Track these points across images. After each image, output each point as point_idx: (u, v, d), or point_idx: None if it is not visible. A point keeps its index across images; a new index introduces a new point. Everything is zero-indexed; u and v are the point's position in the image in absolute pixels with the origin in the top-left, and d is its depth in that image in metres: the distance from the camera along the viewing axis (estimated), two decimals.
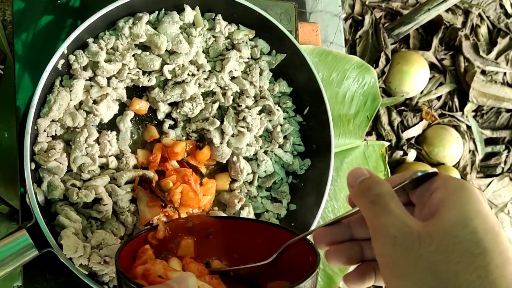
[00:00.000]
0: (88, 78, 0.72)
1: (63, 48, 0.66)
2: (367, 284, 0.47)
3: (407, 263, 0.38)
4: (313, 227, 0.75)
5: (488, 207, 0.39)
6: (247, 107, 0.80)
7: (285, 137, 0.83)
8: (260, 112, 0.82)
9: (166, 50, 0.75)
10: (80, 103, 0.72)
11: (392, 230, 0.39)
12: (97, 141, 0.72)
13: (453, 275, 0.36)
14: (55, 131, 0.69)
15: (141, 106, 0.76)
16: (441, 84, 1.78)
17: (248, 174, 0.81)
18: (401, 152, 1.64)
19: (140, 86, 0.76)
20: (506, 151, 1.79)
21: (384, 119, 1.66)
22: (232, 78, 0.80)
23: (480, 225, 0.37)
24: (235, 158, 0.79)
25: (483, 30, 1.85)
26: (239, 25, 0.81)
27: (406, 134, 1.68)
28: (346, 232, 0.49)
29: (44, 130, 0.68)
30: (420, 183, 0.44)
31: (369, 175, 0.43)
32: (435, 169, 0.43)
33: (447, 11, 1.76)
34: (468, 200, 0.39)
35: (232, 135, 0.79)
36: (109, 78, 0.73)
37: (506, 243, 0.37)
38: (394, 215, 0.40)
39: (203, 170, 0.78)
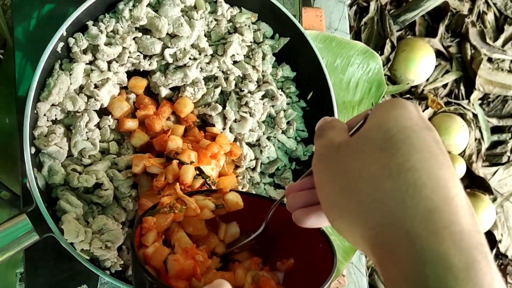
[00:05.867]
0: (88, 62, 0.71)
1: (62, 30, 0.65)
2: (311, 221, 0.47)
3: (327, 172, 0.41)
4: None
5: (417, 114, 0.39)
6: (249, 92, 0.79)
7: (288, 123, 0.82)
8: (263, 97, 0.81)
9: (167, 34, 0.74)
10: (81, 87, 0.71)
11: (320, 149, 0.43)
12: (98, 125, 0.71)
13: (359, 171, 0.37)
14: (55, 115, 0.68)
15: (137, 82, 0.75)
16: (447, 72, 1.76)
17: (251, 160, 0.80)
18: None
19: (141, 70, 0.75)
20: None
21: None
22: (235, 62, 0.79)
23: (396, 125, 0.37)
24: (237, 144, 0.78)
25: (489, 17, 1.83)
26: (242, 8, 0.80)
27: None
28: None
29: (44, 114, 0.67)
30: None
31: (329, 120, 0.46)
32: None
33: None
34: (390, 108, 0.39)
35: (235, 121, 0.78)
36: (109, 62, 0.72)
37: (424, 138, 0.37)
38: (325, 138, 0.43)
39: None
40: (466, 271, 0.32)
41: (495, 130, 1.80)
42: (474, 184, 1.70)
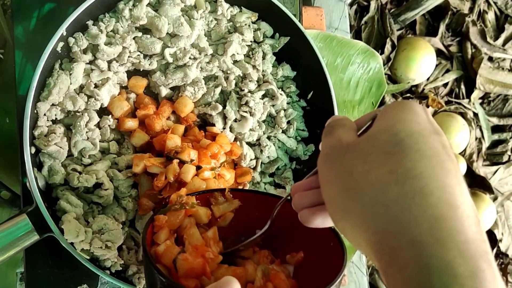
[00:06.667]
0: (88, 62, 0.71)
1: (62, 30, 0.65)
2: (317, 221, 0.47)
3: (333, 172, 0.40)
4: None
5: (426, 118, 0.39)
6: (249, 91, 0.79)
7: (288, 122, 0.82)
8: (263, 96, 0.81)
9: (167, 33, 0.73)
10: (81, 87, 0.71)
11: (327, 148, 0.42)
12: (98, 125, 0.71)
13: (365, 173, 0.37)
14: (55, 115, 0.68)
15: (138, 81, 0.75)
16: (447, 71, 1.75)
17: (251, 159, 0.80)
18: None
19: (141, 70, 0.75)
20: None
21: None
22: (235, 62, 0.79)
23: (404, 129, 0.37)
24: (238, 144, 0.78)
25: (490, 16, 1.82)
26: (242, 7, 0.79)
27: None
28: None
29: (44, 114, 0.67)
30: None
31: (339, 118, 0.45)
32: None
33: None
34: (399, 110, 0.39)
35: (235, 120, 0.78)
36: (109, 62, 0.72)
37: (432, 144, 0.37)
38: (334, 137, 0.42)
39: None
40: (472, 280, 0.32)
41: (495, 129, 1.79)
42: (475, 183, 1.70)
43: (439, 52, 1.72)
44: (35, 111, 0.66)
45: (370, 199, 0.37)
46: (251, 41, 0.80)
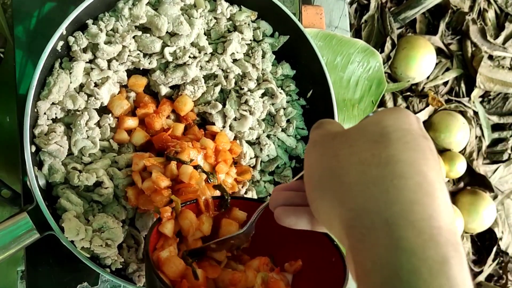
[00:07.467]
0: (88, 61, 0.71)
1: (62, 29, 0.65)
2: (290, 220, 0.47)
3: (318, 154, 0.42)
4: None
5: (417, 124, 0.39)
6: (249, 90, 0.79)
7: (288, 121, 0.82)
8: (263, 95, 0.81)
9: (167, 32, 0.74)
10: (81, 86, 0.71)
11: (316, 136, 0.44)
12: (98, 124, 0.71)
13: (349, 155, 0.39)
14: (56, 114, 0.68)
15: (137, 80, 0.75)
16: (447, 69, 1.75)
17: (251, 158, 0.80)
18: None
19: (141, 68, 0.75)
20: None
21: (390, 104, 1.65)
22: (234, 61, 0.79)
23: (394, 125, 0.38)
24: (237, 142, 0.78)
25: (490, 15, 1.82)
26: (241, 6, 0.80)
27: None
28: (303, 186, 0.49)
29: (44, 113, 0.67)
30: None
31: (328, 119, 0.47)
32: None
33: None
34: (392, 111, 0.40)
35: (235, 119, 0.78)
36: (109, 61, 0.72)
37: (420, 144, 0.38)
38: (323, 128, 0.44)
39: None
40: (441, 264, 0.32)
41: (495, 127, 1.79)
42: (475, 182, 1.70)
43: (439, 51, 1.72)
44: (35, 110, 0.66)
45: (350, 177, 0.38)
46: (250, 40, 0.80)
